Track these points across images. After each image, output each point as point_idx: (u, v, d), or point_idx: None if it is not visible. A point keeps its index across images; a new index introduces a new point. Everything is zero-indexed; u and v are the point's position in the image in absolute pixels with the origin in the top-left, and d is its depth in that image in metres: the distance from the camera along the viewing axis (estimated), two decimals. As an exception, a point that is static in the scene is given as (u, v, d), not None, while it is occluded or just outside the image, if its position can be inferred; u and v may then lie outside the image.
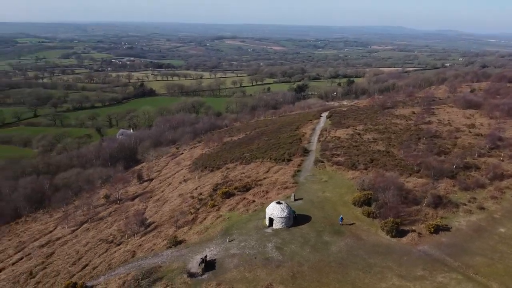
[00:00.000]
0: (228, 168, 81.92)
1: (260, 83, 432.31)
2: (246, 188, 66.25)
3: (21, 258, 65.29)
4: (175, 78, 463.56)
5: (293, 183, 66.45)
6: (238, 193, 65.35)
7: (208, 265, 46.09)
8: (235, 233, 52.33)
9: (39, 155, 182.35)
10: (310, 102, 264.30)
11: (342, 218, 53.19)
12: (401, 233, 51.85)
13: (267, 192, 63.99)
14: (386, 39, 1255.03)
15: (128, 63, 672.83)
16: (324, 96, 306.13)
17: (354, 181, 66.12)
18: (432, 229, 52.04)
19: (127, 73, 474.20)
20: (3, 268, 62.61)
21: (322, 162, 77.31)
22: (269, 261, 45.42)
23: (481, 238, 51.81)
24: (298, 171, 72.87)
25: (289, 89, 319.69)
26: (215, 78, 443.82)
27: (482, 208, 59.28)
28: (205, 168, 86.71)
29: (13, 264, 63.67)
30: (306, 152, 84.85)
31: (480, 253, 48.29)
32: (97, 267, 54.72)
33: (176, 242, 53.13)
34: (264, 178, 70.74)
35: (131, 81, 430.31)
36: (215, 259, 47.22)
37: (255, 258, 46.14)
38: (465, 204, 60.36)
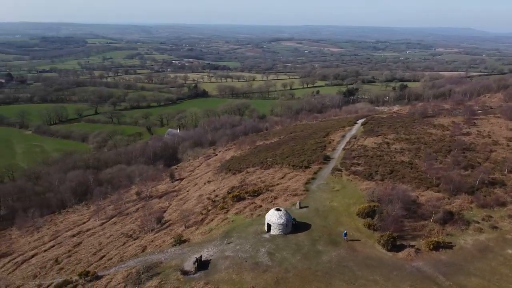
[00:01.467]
0: (248, 172, 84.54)
1: (311, 85, 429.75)
2: (257, 193, 68.47)
3: (53, 246, 72.59)
4: (229, 79, 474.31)
5: (304, 190, 67.58)
6: (249, 197, 67.77)
7: (202, 264, 49.06)
8: (234, 236, 54.87)
9: (94, 150, 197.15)
10: (358, 106, 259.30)
11: (346, 233, 52.98)
12: (398, 248, 51.44)
13: (275, 198, 65.81)
14: (452, 41, 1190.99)
15: (187, 64, 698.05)
16: (375, 100, 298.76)
17: (365, 192, 65.84)
18: (432, 246, 51.02)
19: (184, 74, 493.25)
20: (36, 254, 70.04)
21: (340, 170, 77.45)
22: (258, 265, 47.43)
23: (484, 258, 49.97)
24: (313, 178, 73.71)
25: (338, 92, 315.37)
26: (265, 80, 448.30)
27: (495, 227, 56.80)
28: (229, 171, 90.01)
29: (45, 250, 70.99)
30: (327, 159, 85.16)
31: (478, 274, 46.78)
32: (111, 258, 59.81)
33: (180, 241, 56.74)
34: (277, 184, 72.51)
35: (187, 82, 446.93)
36: (210, 260, 50.09)
37: (246, 261, 48.36)
38: (478, 222, 58.11)
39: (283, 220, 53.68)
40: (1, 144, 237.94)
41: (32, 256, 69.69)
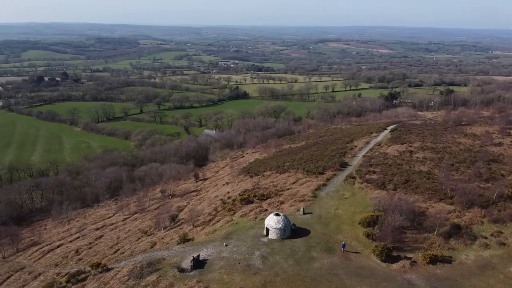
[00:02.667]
0: (264, 176, 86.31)
1: (354, 88, 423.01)
2: (266, 197, 70.22)
3: (78, 237, 78.33)
4: (271, 81, 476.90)
5: (312, 196, 68.39)
6: (257, 201, 69.63)
7: (199, 263, 51.66)
8: (234, 238, 57.03)
9: (135, 148, 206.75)
10: (399, 111, 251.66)
11: (344, 245, 53.04)
12: (393, 259, 51.27)
13: (282, 203, 67.21)
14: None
15: (232, 66, 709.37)
16: (419, 105, 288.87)
17: (373, 201, 65.59)
18: (428, 259, 50.41)
19: (227, 75, 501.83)
20: (62, 244, 75.99)
21: (354, 178, 77.31)
22: (249, 267, 49.27)
23: (483, 275, 48.68)
24: (324, 185, 74.25)
25: (379, 96, 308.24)
26: (307, 82, 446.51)
27: (502, 244, 54.89)
28: (247, 174, 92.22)
29: (70, 241, 76.82)
30: (343, 166, 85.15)
31: (471, 291, 45.81)
32: (124, 252, 63.97)
33: (184, 240, 59.77)
34: (288, 189, 73.76)
35: (230, 83, 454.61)
36: (207, 259, 52.59)
37: (239, 263, 50.36)
38: (485, 237, 56.40)
39: (280, 225, 55.09)
40: (52, 139, 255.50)
41: (58, 246, 75.72)
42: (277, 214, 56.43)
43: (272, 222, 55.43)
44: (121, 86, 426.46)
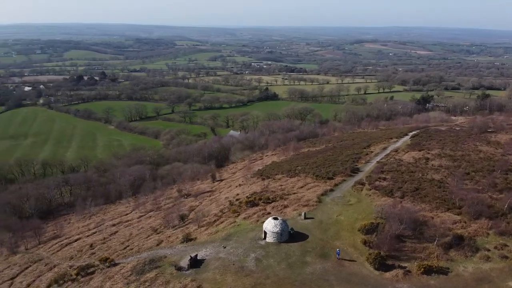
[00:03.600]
0: (274, 179, 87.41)
1: (388, 90, 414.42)
2: (271, 200, 71.42)
3: (95, 232, 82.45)
4: (302, 82, 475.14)
5: (316, 201, 68.92)
6: (262, 204, 70.94)
7: (197, 263, 53.65)
8: (233, 240, 58.66)
9: (163, 147, 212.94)
10: (431, 115, 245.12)
11: (339, 252, 53.47)
12: (387, 267, 51.24)
13: (285, 207, 68.19)
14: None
15: (265, 66, 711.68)
16: (452, 109, 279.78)
17: (376, 208, 65.35)
18: (423, 269, 50.04)
19: (258, 76, 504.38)
20: (79, 239, 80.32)
21: (362, 184, 77.05)
22: (242, 269, 50.74)
23: (478, 289, 47.81)
24: (331, 190, 74.51)
25: (411, 99, 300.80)
26: (339, 83, 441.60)
27: (504, 257, 53.50)
28: (260, 176, 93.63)
29: (87, 236, 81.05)
30: (355, 172, 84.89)
31: (463, 304, 45.20)
32: (132, 249, 67.08)
33: (187, 239, 62.01)
34: (294, 193, 74.57)
35: (261, 84, 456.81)
36: (204, 259, 54.51)
37: (233, 264, 51.94)
38: (488, 250, 55.12)
39: (278, 229, 56.18)
40: (87, 137, 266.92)
41: (76, 240, 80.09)
42: (275, 218, 57.55)
43: (269, 225, 56.63)
44: (155, 86, 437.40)
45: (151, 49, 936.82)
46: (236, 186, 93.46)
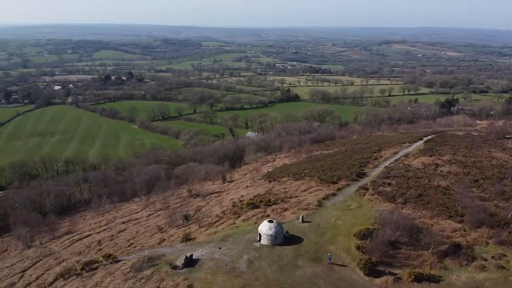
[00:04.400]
0: (280, 182, 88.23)
1: (413, 92, 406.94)
2: (272, 203, 72.37)
3: (105, 229, 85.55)
4: (325, 83, 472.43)
5: (316, 205, 69.40)
6: (263, 206, 72.00)
7: (192, 262, 55.30)
8: (230, 241, 60.03)
9: (182, 146, 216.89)
10: (455, 119, 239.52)
11: (330, 257, 53.81)
12: (378, 273, 51.36)
13: (285, 210, 69.02)
14: None
15: (289, 67, 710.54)
16: (478, 113, 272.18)
17: (375, 214, 65.25)
18: (413, 277, 49.91)
19: (281, 77, 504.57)
20: (90, 235, 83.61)
21: (366, 189, 76.86)
22: (234, 270, 52.02)
23: (468, 298, 47.34)
24: (333, 194, 74.77)
25: (435, 102, 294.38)
26: (363, 85, 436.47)
27: (501, 267, 52.62)
28: (267, 178, 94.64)
29: (97, 233, 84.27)
30: (360, 176, 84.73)
31: (450, 313, 44.93)
32: (136, 246, 69.52)
33: (187, 239, 63.84)
34: (296, 197, 75.25)
35: (283, 85, 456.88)
36: (200, 259, 56.10)
37: (226, 265, 53.29)
38: (485, 259, 54.29)
39: (272, 232, 57.15)
40: (111, 135, 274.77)
41: (86, 236, 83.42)
42: (270, 221, 58.55)
43: (264, 228, 57.66)
44: (179, 86, 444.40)
45: (177, 49, 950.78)
46: (243, 188, 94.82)
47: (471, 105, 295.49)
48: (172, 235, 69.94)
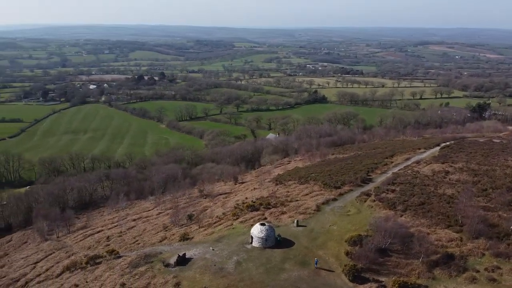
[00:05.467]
0: (285, 185, 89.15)
1: (446, 96, 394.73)
2: (271, 206, 73.54)
3: (116, 226, 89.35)
4: (355, 85, 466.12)
5: (314, 210, 70.05)
6: (262, 209, 73.31)
7: (185, 261, 57.50)
8: (223, 242, 61.81)
9: (205, 147, 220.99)
10: (485, 125, 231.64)
11: (317, 261, 54.52)
12: (362, 280, 51.62)
13: (282, 213, 70.08)
14: None
15: (320, 68, 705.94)
16: (510, 119, 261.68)
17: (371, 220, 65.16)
18: (397, 285, 49.80)
19: (310, 78, 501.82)
20: (101, 231, 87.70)
21: (369, 195, 76.63)
22: (221, 270, 53.75)
23: (451, 310, 46.86)
24: (334, 199, 75.08)
25: (466, 106, 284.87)
26: (394, 87, 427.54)
27: (492, 280, 51.55)
28: (275, 181, 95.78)
29: (108, 229, 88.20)
30: (366, 182, 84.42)
31: (429, 323, 44.72)
32: (139, 243, 72.58)
33: (185, 238, 66.19)
34: (296, 200, 76.05)
35: (312, 86, 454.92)
36: (192, 258, 58.21)
37: (215, 265, 55.11)
38: (477, 271, 53.32)
39: (263, 235, 58.46)
40: (139, 134, 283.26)
41: (98, 232, 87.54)
42: (262, 224, 59.88)
43: (255, 230, 59.06)
44: (208, 87, 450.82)
45: (210, 50, 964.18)
46: (251, 190, 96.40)
47: (504, 110, 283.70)
48: (173, 234, 72.52)
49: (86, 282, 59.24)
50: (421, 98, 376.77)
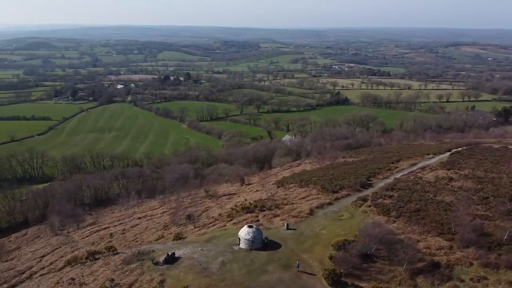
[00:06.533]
0: (285, 188, 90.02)
1: (474, 99, 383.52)
2: (266, 209, 74.67)
3: (121, 223, 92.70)
4: (380, 87, 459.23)
5: (307, 214, 70.76)
6: (257, 211, 74.58)
7: (173, 259, 59.55)
8: (213, 242, 63.53)
9: (222, 147, 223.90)
10: (509, 130, 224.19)
11: (299, 265, 55.31)
12: (342, 285, 52.11)
13: (275, 216, 71.12)
14: None
15: (346, 69, 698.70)
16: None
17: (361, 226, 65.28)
18: (375, 292, 50.11)
19: (334, 80, 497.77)
20: (107, 227, 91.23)
21: (365, 200, 76.55)
22: (205, 270, 55.45)
23: (427, 318, 46.75)
24: (329, 204, 75.49)
25: (492, 110, 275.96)
26: (420, 89, 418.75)
27: (475, 291, 50.93)
28: (277, 183, 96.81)
29: (114, 226, 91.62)
30: (365, 187, 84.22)
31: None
32: (138, 241, 75.30)
33: (178, 237, 68.30)
34: (292, 204, 76.87)
35: (335, 88, 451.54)
36: (181, 257, 60.20)
37: (200, 265, 56.86)
38: (462, 281, 52.84)
39: (249, 237, 59.78)
40: (161, 134, 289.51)
41: (104, 228, 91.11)
42: (250, 226, 61.20)
43: (243, 232, 60.45)
44: (232, 88, 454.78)
45: (236, 51, 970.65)
46: (254, 192, 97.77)
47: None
48: (170, 233, 74.85)
49: (82, 276, 62.15)
50: (447, 101, 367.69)
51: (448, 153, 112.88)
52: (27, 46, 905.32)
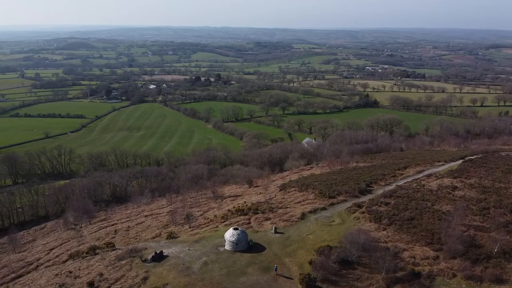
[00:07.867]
0: (285, 192, 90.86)
1: (510, 104, 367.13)
2: (259, 212, 76.05)
3: (128, 220, 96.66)
4: (413, 89, 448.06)
5: (298, 218, 71.60)
6: (250, 214, 76.08)
7: (161, 258, 62.21)
8: (201, 243, 65.70)
9: (242, 148, 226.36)
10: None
11: (277, 268, 56.35)
12: (317, 290, 52.84)
13: (266, 219, 72.39)
14: None
15: (379, 70, 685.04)
16: None
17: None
18: (348, 299, 50.52)
19: (365, 81, 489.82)
20: (115, 224, 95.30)
21: (360, 207, 76.43)
22: (187, 269, 57.68)
23: (394, 328, 46.78)
24: (323, 209, 75.91)
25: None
26: (454, 92, 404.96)
27: (452, 303, 50.37)
28: (280, 187, 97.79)
29: (122, 223, 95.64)
30: (363, 193, 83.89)
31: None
32: (137, 239, 78.63)
33: (171, 237, 70.94)
34: (286, 207, 77.80)
35: (366, 89, 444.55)
36: (168, 255, 62.76)
37: (183, 264, 59.17)
38: (441, 292, 52.32)
39: (234, 239, 61.49)
40: (186, 133, 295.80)
41: (112, 225, 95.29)
42: (235, 228, 62.87)
43: (228, 234, 62.24)
44: (260, 89, 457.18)
45: (268, 52, 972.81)
46: (257, 194, 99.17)
47: None
48: (167, 232, 77.53)
49: (79, 269, 65.93)
50: (481, 106, 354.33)
51: (461, 161, 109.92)
52: (67, 46, 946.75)
